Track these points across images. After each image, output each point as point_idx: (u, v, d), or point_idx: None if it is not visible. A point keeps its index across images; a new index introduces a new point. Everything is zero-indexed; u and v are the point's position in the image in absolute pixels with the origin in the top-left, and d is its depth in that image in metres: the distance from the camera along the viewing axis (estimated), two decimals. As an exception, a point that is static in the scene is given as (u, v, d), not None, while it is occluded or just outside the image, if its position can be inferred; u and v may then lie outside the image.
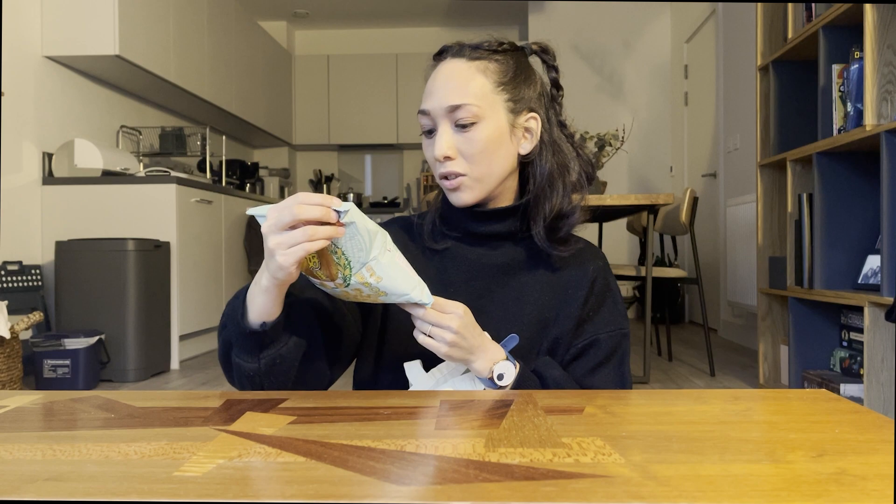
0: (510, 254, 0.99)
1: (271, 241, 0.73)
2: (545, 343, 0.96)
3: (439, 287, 0.96)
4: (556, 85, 1.02)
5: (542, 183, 0.97)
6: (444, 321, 0.83)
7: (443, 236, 1.01)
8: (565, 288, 0.98)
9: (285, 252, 0.72)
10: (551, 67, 1.02)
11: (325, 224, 0.72)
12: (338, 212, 0.73)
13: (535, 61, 1.02)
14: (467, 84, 0.92)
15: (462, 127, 0.92)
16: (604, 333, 0.97)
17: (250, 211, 0.76)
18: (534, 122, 0.97)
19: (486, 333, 0.88)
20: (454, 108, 0.91)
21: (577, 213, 0.98)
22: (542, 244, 0.96)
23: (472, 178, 0.93)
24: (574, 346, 0.97)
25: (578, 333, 0.97)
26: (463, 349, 0.84)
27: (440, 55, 0.96)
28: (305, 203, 0.71)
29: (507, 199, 0.99)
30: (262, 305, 0.80)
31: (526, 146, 0.97)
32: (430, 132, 0.95)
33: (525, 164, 0.99)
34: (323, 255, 0.78)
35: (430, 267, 0.99)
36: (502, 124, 0.94)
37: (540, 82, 1.00)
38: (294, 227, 0.72)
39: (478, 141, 0.92)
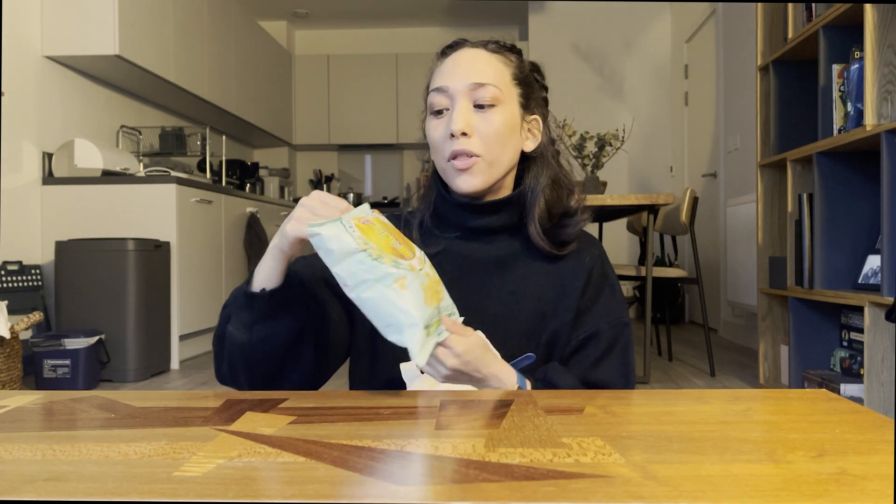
0: (505, 247, 0.99)
1: (297, 210, 0.83)
2: (544, 336, 0.96)
3: None
4: (545, 104, 1.04)
5: (538, 180, 0.98)
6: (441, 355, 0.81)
7: (436, 237, 1.00)
8: (562, 279, 0.98)
9: (296, 224, 0.82)
10: (542, 87, 1.04)
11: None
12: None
13: None
14: (490, 69, 0.94)
15: (481, 107, 0.93)
16: (604, 324, 0.97)
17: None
18: (537, 123, 1.00)
19: (498, 359, 0.87)
20: (478, 86, 0.92)
21: (582, 216, 0.99)
22: (544, 245, 0.97)
23: (485, 160, 0.93)
24: (574, 339, 0.96)
25: (578, 325, 0.97)
26: (466, 377, 0.83)
27: (453, 46, 0.98)
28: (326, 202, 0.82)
29: (503, 194, 1.00)
30: (266, 271, 0.86)
31: (530, 144, 0.99)
32: (440, 112, 0.95)
33: (522, 163, 1.01)
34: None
35: None
36: (516, 115, 0.96)
37: (538, 85, 1.03)
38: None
39: (495, 122, 0.93)
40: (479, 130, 0.92)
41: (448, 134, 0.92)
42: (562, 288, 0.97)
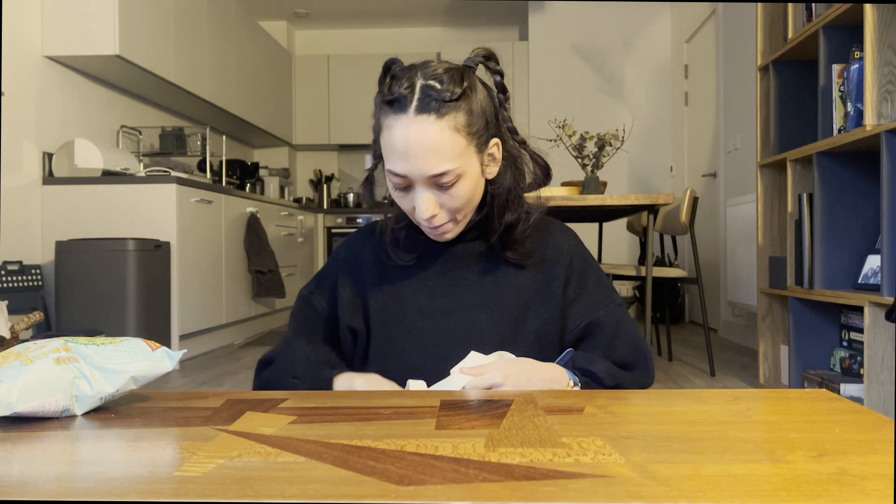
0: (481, 246, 1.02)
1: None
2: (532, 325, 0.98)
3: (417, 282, 0.99)
4: (501, 89, 1.00)
5: (499, 202, 0.99)
6: (484, 383, 0.85)
7: (415, 240, 1.03)
8: (543, 270, 1.00)
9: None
10: (495, 72, 1.00)
11: None
12: None
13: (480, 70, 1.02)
14: (445, 147, 0.89)
15: (444, 187, 0.91)
16: (601, 311, 1.00)
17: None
18: (496, 148, 0.98)
19: (542, 365, 0.91)
20: (437, 176, 0.90)
21: (523, 222, 1.00)
22: (501, 254, 1.00)
23: (455, 222, 0.96)
24: (573, 329, 0.99)
25: (570, 316, 1.00)
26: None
27: (398, 104, 0.90)
28: None
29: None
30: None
31: (492, 170, 0.98)
32: (406, 188, 0.93)
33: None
34: None
35: (407, 271, 1.02)
36: (477, 170, 0.95)
37: (488, 99, 0.97)
38: None
39: (460, 196, 0.93)
40: (445, 205, 0.93)
41: (419, 217, 0.94)
42: (543, 278, 1.00)
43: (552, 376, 0.90)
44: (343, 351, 1.03)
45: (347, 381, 0.93)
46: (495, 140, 0.97)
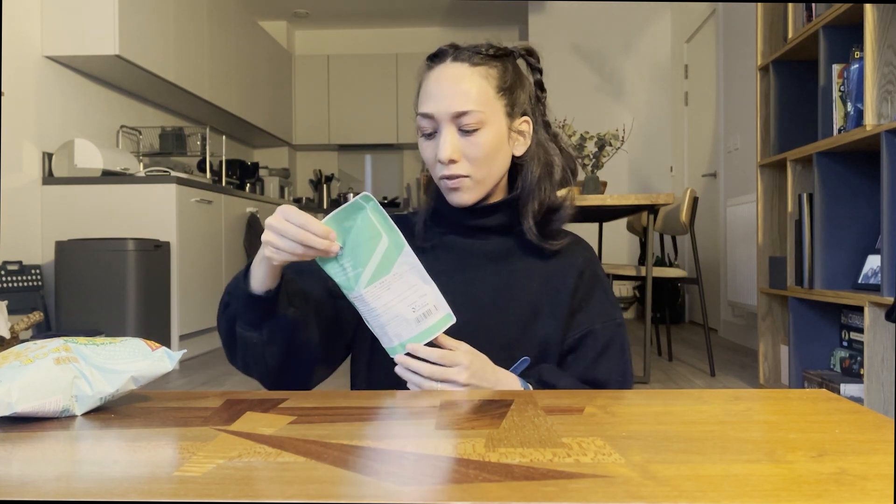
0: (499, 244, 1.02)
1: (267, 235, 0.81)
2: (538, 332, 0.98)
3: (431, 277, 0.99)
4: (540, 87, 1.05)
5: (531, 182, 1.00)
6: (451, 375, 0.84)
7: (435, 232, 1.04)
8: (554, 278, 1.00)
9: (273, 252, 0.82)
10: (535, 69, 1.05)
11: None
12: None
13: (521, 64, 1.05)
14: (472, 90, 0.94)
15: (466, 132, 0.94)
16: (598, 324, 1.00)
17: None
18: (526, 125, 1.01)
19: (497, 368, 0.90)
20: (461, 114, 0.93)
21: (566, 209, 1.01)
22: (535, 239, 0.99)
23: (474, 180, 0.96)
24: (570, 338, 0.99)
25: (571, 325, 0.99)
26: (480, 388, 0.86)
27: (437, 58, 0.98)
28: (311, 233, 0.80)
29: (497, 195, 1.02)
30: (261, 276, 0.88)
31: (520, 148, 1.01)
32: (431, 135, 0.97)
33: (514, 163, 1.02)
34: None
35: (423, 259, 1.01)
36: (502, 129, 0.97)
37: (529, 86, 1.03)
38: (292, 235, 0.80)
39: (481, 145, 0.95)
40: (466, 155, 0.95)
41: (439, 159, 0.96)
42: (554, 286, 1.00)
43: (506, 382, 0.89)
44: (336, 349, 1.01)
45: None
46: (526, 118, 1.00)
